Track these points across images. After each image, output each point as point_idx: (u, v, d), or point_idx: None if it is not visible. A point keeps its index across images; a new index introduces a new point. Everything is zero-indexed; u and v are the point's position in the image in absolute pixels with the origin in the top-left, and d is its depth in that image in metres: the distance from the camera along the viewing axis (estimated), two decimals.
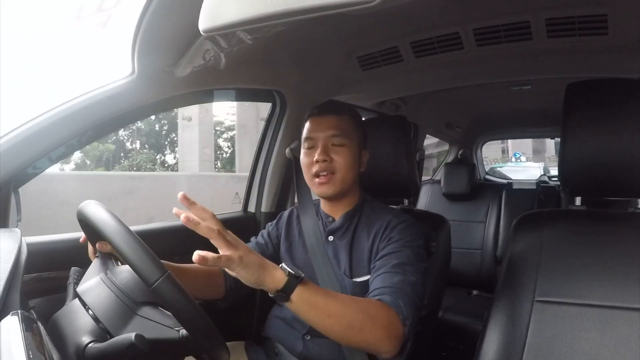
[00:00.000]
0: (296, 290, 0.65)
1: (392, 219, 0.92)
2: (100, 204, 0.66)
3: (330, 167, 0.92)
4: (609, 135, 0.79)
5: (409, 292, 0.78)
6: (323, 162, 0.91)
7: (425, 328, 1.06)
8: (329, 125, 0.94)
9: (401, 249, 0.85)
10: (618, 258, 0.75)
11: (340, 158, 0.92)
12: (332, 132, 0.93)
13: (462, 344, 1.67)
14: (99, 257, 0.73)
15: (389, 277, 0.80)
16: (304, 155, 0.96)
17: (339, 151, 0.93)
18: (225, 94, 1.28)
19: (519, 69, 1.35)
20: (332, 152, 0.93)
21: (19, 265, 0.61)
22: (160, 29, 0.83)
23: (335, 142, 0.93)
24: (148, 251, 0.59)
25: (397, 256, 0.84)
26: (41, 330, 0.53)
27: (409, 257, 0.84)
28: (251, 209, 1.45)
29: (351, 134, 0.95)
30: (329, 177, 0.92)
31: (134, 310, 0.62)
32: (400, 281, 0.79)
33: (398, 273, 0.81)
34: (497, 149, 14.11)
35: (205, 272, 0.93)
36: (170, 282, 0.56)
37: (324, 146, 0.93)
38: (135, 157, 19.64)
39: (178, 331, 0.59)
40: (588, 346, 0.71)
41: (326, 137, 0.93)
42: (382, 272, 0.82)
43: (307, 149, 0.96)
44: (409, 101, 1.87)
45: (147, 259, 0.57)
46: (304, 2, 0.48)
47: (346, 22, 1.06)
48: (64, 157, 0.91)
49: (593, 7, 0.96)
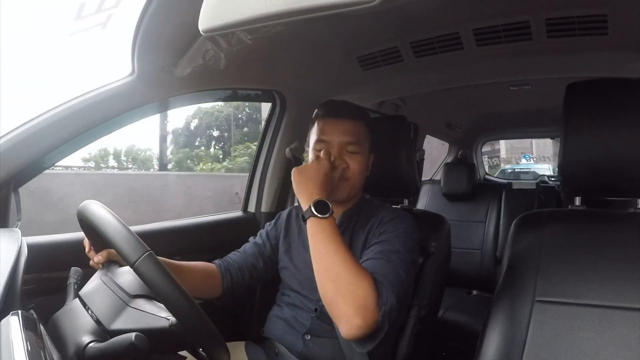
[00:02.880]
0: (309, 220, 0.80)
1: (386, 214, 0.93)
2: (97, 203, 0.66)
3: (345, 173, 0.91)
4: (609, 135, 0.79)
5: (391, 279, 0.77)
6: (340, 168, 0.91)
7: (425, 328, 1.06)
8: (345, 131, 0.92)
9: (390, 238, 0.85)
10: (618, 258, 0.75)
11: (354, 165, 0.92)
12: (348, 138, 0.92)
13: (462, 344, 1.67)
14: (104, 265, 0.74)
15: (373, 262, 0.80)
16: (316, 157, 0.92)
17: (353, 158, 0.92)
18: (225, 94, 1.28)
19: (519, 69, 1.35)
20: (347, 157, 0.92)
21: (19, 265, 0.61)
22: (160, 29, 0.83)
23: (349, 150, 0.92)
24: (131, 232, 0.58)
25: (384, 245, 0.84)
26: (41, 330, 0.53)
27: (395, 246, 0.83)
28: (251, 209, 1.45)
29: (364, 141, 0.95)
30: (342, 183, 0.91)
31: (127, 302, 0.62)
32: (383, 267, 0.79)
33: (382, 259, 0.81)
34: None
35: (202, 271, 0.93)
36: (151, 261, 0.55)
37: (339, 151, 0.91)
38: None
39: (168, 319, 0.59)
40: (588, 346, 0.71)
41: (341, 142, 0.92)
42: (367, 257, 0.82)
43: (319, 150, 0.92)
44: (409, 101, 1.87)
45: (129, 239, 0.57)
46: (304, 2, 0.48)
47: (346, 22, 1.06)
48: (64, 157, 0.92)
49: (593, 7, 0.96)
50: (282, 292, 1.02)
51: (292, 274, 0.98)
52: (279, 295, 1.03)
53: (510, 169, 9.29)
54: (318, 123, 0.96)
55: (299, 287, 0.96)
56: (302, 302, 0.95)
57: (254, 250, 1.04)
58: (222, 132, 16.44)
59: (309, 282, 0.93)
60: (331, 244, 0.77)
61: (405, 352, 1.02)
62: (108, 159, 13.40)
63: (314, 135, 0.96)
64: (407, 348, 1.02)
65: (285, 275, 1.01)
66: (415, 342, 1.03)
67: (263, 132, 1.45)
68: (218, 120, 16.01)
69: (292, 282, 0.98)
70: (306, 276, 0.94)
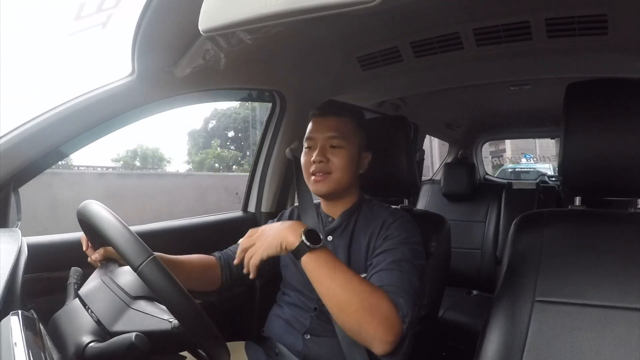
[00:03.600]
0: (305, 256, 0.74)
1: (388, 217, 0.93)
2: (97, 203, 0.66)
3: (326, 167, 0.94)
4: (609, 135, 0.79)
5: (407, 288, 0.79)
6: (320, 163, 0.93)
7: (425, 328, 1.06)
8: (328, 127, 0.96)
9: (398, 245, 0.86)
10: (618, 258, 0.75)
11: (337, 159, 0.94)
12: (330, 133, 0.95)
13: (462, 344, 1.67)
14: (103, 263, 0.73)
15: (387, 274, 0.81)
16: (304, 154, 0.99)
17: (336, 152, 0.94)
18: (225, 94, 1.28)
19: (519, 69, 1.35)
20: (330, 153, 0.94)
21: (19, 265, 0.61)
22: (160, 29, 0.83)
23: (333, 144, 0.95)
24: (134, 236, 0.58)
25: (393, 253, 0.85)
26: (41, 330, 0.53)
27: (405, 254, 0.85)
28: (251, 209, 1.45)
29: (350, 136, 0.96)
30: (324, 177, 0.94)
31: (128, 304, 0.62)
32: (398, 278, 0.80)
33: (395, 270, 0.81)
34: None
35: (201, 264, 0.93)
36: (155, 265, 0.55)
37: (321, 147, 0.95)
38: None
39: (170, 322, 0.59)
40: (588, 346, 0.71)
41: (325, 138, 0.95)
42: (379, 269, 0.83)
43: (306, 148, 0.98)
44: (409, 101, 1.87)
45: (132, 243, 0.57)
46: (304, 2, 0.48)
47: (346, 22, 1.06)
48: (64, 157, 0.91)
49: (593, 7, 0.96)
50: (283, 291, 1.02)
51: (293, 273, 0.98)
52: (280, 294, 1.03)
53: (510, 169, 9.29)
54: (310, 123, 1.00)
55: (300, 286, 0.97)
56: (302, 302, 0.95)
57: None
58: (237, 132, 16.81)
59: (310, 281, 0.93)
60: (338, 275, 0.74)
61: (405, 352, 1.01)
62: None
63: (306, 134, 1.00)
64: (407, 348, 1.01)
65: (286, 273, 1.01)
66: (415, 342, 1.02)
67: (263, 132, 1.45)
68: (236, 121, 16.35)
69: (293, 280, 0.98)
70: (306, 275, 0.95)
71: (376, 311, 0.72)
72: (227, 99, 1.33)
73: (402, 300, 0.76)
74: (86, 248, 0.77)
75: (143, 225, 1.15)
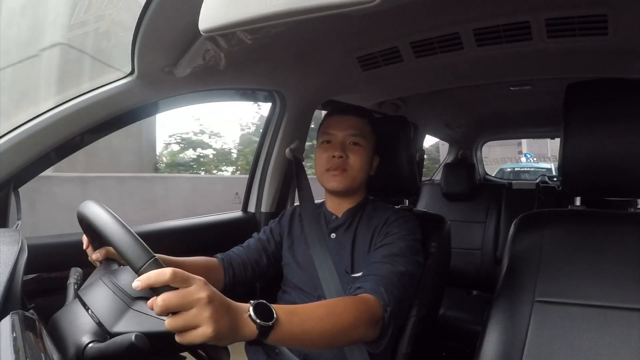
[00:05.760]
0: (270, 335, 0.58)
1: (391, 215, 0.96)
2: (98, 203, 0.66)
3: (344, 163, 0.96)
4: (609, 135, 0.79)
5: (394, 281, 0.80)
6: (339, 158, 0.95)
7: (425, 328, 1.06)
8: (349, 125, 0.98)
9: (395, 241, 0.88)
10: (618, 258, 0.75)
11: (356, 157, 0.96)
12: (351, 131, 0.97)
13: (462, 344, 1.67)
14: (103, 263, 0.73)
15: (377, 266, 0.83)
16: (321, 149, 0.99)
17: (355, 150, 0.97)
18: (225, 94, 1.27)
19: (519, 69, 1.35)
20: (349, 150, 0.97)
21: (19, 266, 0.61)
22: (160, 29, 0.82)
23: (352, 141, 0.97)
24: (135, 237, 0.58)
25: (389, 248, 0.87)
26: (41, 330, 0.53)
27: (401, 248, 0.86)
28: (251, 209, 1.45)
29: (368, 137, 0.99)
30: (342, 172, 0.96)
31: (129, 304, 0.62)
32: (387, 270, 0.82)
33: (386, 263, 0.83)
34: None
35: (204, 266, 0.94)
36: (156, 267, 0.55)
37: (341, 143, 0.97)
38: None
39: None
40: (588, 346, 0.71)
41: (345, 135, 0.97)
42: (372, 261, 0.85)
43: (323, 143, 0.99)
44: (409, 101, 1.87)
45: (134, 245, 0.56)
46: (304, 2, 0.48)
47: (346, 22, 1.06)
48: (64, 157, 0.91)
49: (593, 7, 0.96)
50: (284, 289, 1.03)
51: (294, 271, 0.99)
52: (280, 293, 1.04)
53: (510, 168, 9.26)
54: (324, 121, 1.02)
55: (300, 284, 0.97)
56: (303, 300, 0.96)
57: (258, 245, 1.04)
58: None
59: (310, 278, 0.95)
60: (310, 335, 0.63)
61: (405, 351, 1.02)
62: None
63: (322, 130, 1.01)
64: (407, 348, 1.02)
65: (287, 271, 1.02)
66: (415, 342, 1.03)
67: (263, 132, 1.45)
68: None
69: (293, 278, 0.99)
70: (307, 272, 0.96)
71: (360, 324, 0.71)
72: (227, 99, 1.33)
73: (383, 289, 0.77)
74: (87, 246, 0.77)
75: (143, 225, 1.15)
